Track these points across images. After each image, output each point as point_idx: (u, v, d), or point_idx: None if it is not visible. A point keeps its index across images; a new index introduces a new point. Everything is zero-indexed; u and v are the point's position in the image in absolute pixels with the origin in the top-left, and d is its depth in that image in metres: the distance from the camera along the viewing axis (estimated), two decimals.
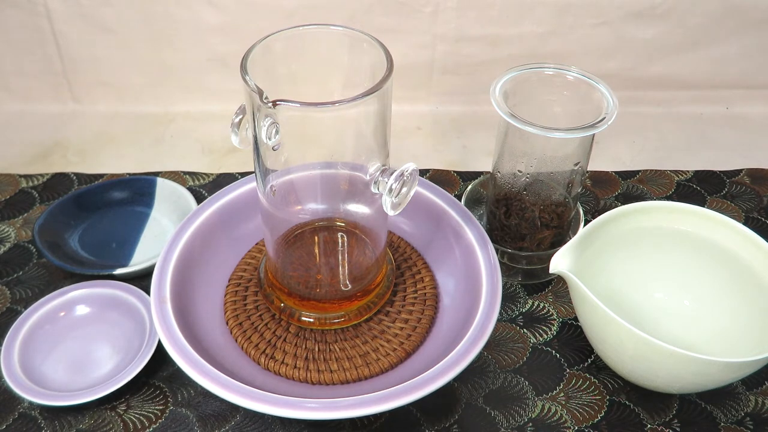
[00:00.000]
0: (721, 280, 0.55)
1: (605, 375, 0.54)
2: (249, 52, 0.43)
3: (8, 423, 0.50)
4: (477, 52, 0.77)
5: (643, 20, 0.76)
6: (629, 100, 0.80)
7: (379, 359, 0.49)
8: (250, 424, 0.50)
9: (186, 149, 0.75)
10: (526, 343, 0.56)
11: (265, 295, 0.52)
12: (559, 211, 0.59)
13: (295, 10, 0.73)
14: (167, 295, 0.49)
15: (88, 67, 0.77)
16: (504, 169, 0.58)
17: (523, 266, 0.60)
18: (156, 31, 0.75)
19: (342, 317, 0.51)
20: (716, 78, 0.81)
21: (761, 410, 0.52)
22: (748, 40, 0.78)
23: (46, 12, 0.73)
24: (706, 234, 0.55)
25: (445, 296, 0.54)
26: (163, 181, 0.66)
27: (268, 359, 0.49)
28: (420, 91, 0.81)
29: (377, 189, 0.45)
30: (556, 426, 0.51)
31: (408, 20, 0.75)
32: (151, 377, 0.53)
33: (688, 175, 0.73)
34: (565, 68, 0.56)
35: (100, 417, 0.51)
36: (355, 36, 0.45)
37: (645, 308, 0.56)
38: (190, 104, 0.80)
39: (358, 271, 0.52)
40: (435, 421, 0.51)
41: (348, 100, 0.40)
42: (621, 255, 0.56)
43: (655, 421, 0.51)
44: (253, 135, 0.43)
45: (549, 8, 0.74)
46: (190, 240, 0.53)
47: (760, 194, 0.71)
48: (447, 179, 0.72)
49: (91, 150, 0.75)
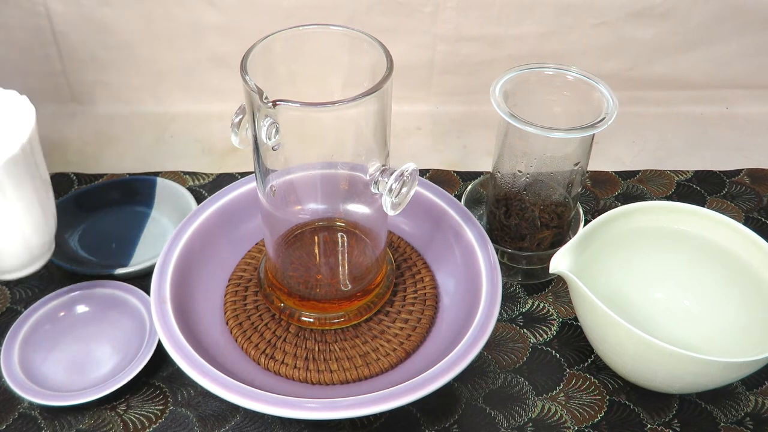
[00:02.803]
0: (721, 280, 0.55)
1: (605, 375, 0.54)
2: (249, 52, 0.43)
3: (8, 423, 0.50)
4: (477, 52, 0.77)
5: (643, 20, 0.76)
6: (629, 100, 0.80)
7: (379, 359, 0.49)
8: (250, 424, 0.50)
9: (186, 149, 0.75)
10: (526, 343, 0.56)
11: (265, 295, 0.52)
12: (559, 211, 0.59)
13: (295, 10, 0.73)
14: (167, 295, 0.49)
15: (88, 67, 0.77)
16: (504, 169, 0.58)
17: (523, 266, 0.60)
18: (156, 31, 0.75)
19: (342, 317, 0.51)
20: (716, 78, 0.81)
21: (761, 410, 0.52)
22: (748, 40, 0.78)
23: (46, 12, 0.73)
24: (706, 234, 0.55)
25: (445, 296, 0.54)
26: (163, 181, 0.66)
27: (268, 359, 0.49)
28: (420, 91, 0.81)
29: (377, 189, 0.45)
30: (556, 426, 0.51)
31: (408, 20, 0.75)
32: (151, 377, 0.53)
33: (688, 175, 0.73)
34: (565, 68, 0.56)
35: (100, 417, 0.51)
36: (355, 36, 0.45)
37: (645, 308, 0.56)
38: (190, 104, 0.80)
39: (358, 271, 0.52)
40: (435, 421, 0.51)
41: (348, 100, 0.40)
42: (621, 255, 0.56)
43: (655, 421, 0.51)
44: (253, 135, 0.43)
45: (549, 8, 0.74)
46: (190, 240, 0.53)
47: (760, 194, 0.71)
48: (447, 179, 0.72)
49: (91, 150, 0.75)
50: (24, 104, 0.45)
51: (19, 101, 0.45)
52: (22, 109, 0.45)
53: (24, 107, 0.45)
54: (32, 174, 0.44)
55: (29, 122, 0.44)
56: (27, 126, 0.43)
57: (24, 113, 0.44)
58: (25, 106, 0.45)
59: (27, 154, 0.43)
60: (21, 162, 0.42)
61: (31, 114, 0.44)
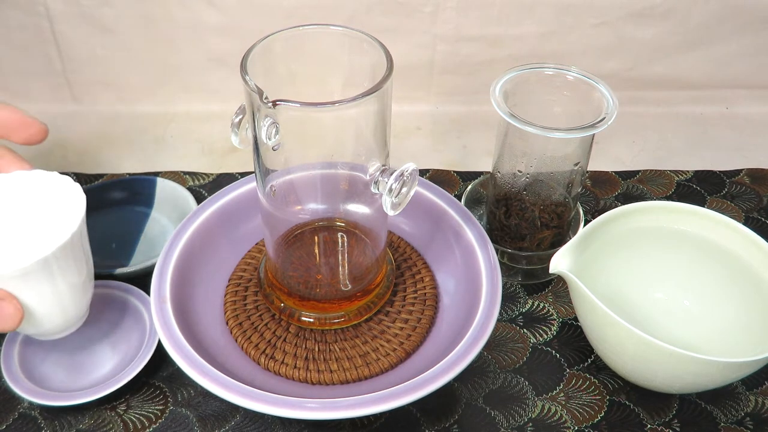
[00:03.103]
0: (721, 280, 0.55)
1: (605, 375, 0.54)
2: (249, 52, 0.43)
3: (8, 423, 0.50)
4: (477, 52, 0.77)
5: (643, 20, 0.76)
6: (629, 100, 0.79)
7: (379, 359, 0.49)
8: (250, 424, 0.50)
9: (186, 149, 0.75)
10: (526, 343, 0.56)
11: (265, 295, 0.52)
12: (559, 211, 0.59)
13: (295, 10, 0.73)
14: (167, 295, 0.49)
15: (88, 67, 0.77)
16: (504, 169, 0.58)
17: (523, 266, 0.60)
18: (156, 31, 0.75)
19: (342, 317, 0.51)
20: (716, 78, 0.81)
21: (761, 410, 0.52)
22: (748, 40, 0.78)
23: (46, 12, 0.73)
24: (706, 234, 0.55)
25: (445, 296, 0.54)
26: (163, 181, 0.66)
27: (268, 359, 0.49)
28: (420, 91, 0.81)
29: (377, 189, 0.45)
30: (556, 426, 0.51)
31: (408, 20, 0.75)
32: (151, 377, 0.53)
33: (688, 175, 0.73)
34: (565, 68, 0.56)
35: (100, 417, 0.51)
36: (355, 36, 0.45)
37: (645, 308, 0.56)
38: (190, 104, 0.80)
39: (358, 271, 0.52)
40: (435, 421, 0.51)
41: (348, 100, 0.40)
42: (621, 255, 0.56)
43: (655, 421, 0.51)
44: (253, 135, 0.43)
45: (549, 8, 0.74)
46: (190, 240, 0.53)
47: (760, 194, 0.71)
48: (447, 179, 0.72)
49: (91, 150, 0.75)
50: (76, 191, 0.48)
51: (71, 188, 0.48)
52: (74, 195, 0.48)
53: (76, 193, 0.48)
54: (78, 256, 0.46)
55: (80, 209, 0.46)
56: (78, 213, 0.46)
57: (76, 200, 0.47)
58: (76, 192, 0.48)
59: (76, 239, 0.45)
60: (69, 247, 0.45)
61: (82, 201, 0.47)
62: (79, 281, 0.47)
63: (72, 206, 0.47)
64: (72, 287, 0.46)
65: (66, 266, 0.45)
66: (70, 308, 0.48)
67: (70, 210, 0.47)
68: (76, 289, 0.47)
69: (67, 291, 0.46)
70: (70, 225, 0.45)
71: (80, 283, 0.47)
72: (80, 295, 0.48)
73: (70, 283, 0.46)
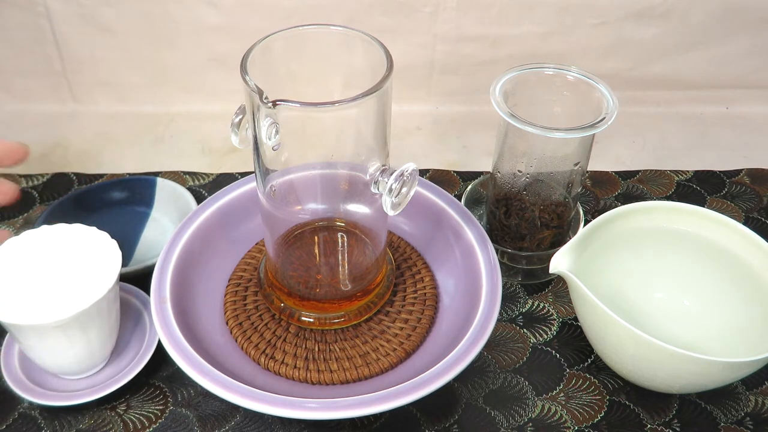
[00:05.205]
0: (721, 280, 0.55)
1: (605, 375, 0.54)
2: (249, 52, 0.43)
3: (8, 423, 0.50)
4: (477, 52, 0.77)
5: (643, 20, 0.76)
6: (629, 100, 0.79)
7: (379, 359, 0.49)
8: (250, 424, 0.50)
9: (186, 149, 0.75)
10: (526, 343, 0.56)
11: (265, 295, 0.52)
12: (559, 211, 0.59)
13: (294, 10, 0.73)
14: (167, 295, 0.49)
15: (88, 67, 0.77)
16: (504, 169, 0.58)
17: (523, 266, 0.60)
18: (156, 31, 0.75)
19: (342, 317, 0.51)
20: (716, 78, 0.81)
21: (761, 410, 0.52)
22: (748, 40, 0.78)
23: (46, 12, 0.73)
24: (706, 234, 0.55)
25: (445, 296, 0.54)
26: (163, 181, 0.66)
27: (268, 359, 0.49)
28: (420, 91, 0.81)
29: (377, 189, 0.45)
30: (556, 426, 0.51)
31: (408, 20, 0.75)
32: (151, 377, 0.53)
33: (688, 175, 0.73)
34: (565, 68, 0.56)
35: (100, 417, 0.51)
36: (355, 36, 0.45)
37: (645, 308, 0.56)
38: (190, 104, 0.80)
39: (358, 271, 0.52)
40: (435, 421, 0.51)
41: (348, 100, 0.40)
42: (621, 255, 0.56)
43: (655, 421, 0.51)
44: (253, 135, 0.43)
45: (549, 8, 0.74)
46: (190, 240, 0.53)
47: (760, 194, 0.71)
48: (447, 179, 0.72)
49: (91, 150, 0.75)
50: (112, 247, 0.50)
51: (108, 244, 0.51)
52: (110, 251, 0.50)
53: (112, 250, 0.50)
54: (111, 308, 0.49)
55: (116, 265, 0.49)
56: (113, 269, 0.49)
57: (112, 256, 0.50)
58: (112, 249, 0.50)
59: (111, 294, 0.48)
60: (104, 302, 0.47)
61: (118, 257, 0.50)
62: (108, 329, 0.50)
63: (108, 262, 0.50)
64: (101, 334, 0.49)
65: (99, 318, 0.48)
66: (97, 352, 0.50)
67: (106, 265, 0.50)
68: (105, 336, 0.50)
69: (96, 338, 0.49)
70: (107, 281, 0.48)
71: (108, 330, 0.50)
72: (108, 340, 0.51)
73: (100, 331, 0.49)
